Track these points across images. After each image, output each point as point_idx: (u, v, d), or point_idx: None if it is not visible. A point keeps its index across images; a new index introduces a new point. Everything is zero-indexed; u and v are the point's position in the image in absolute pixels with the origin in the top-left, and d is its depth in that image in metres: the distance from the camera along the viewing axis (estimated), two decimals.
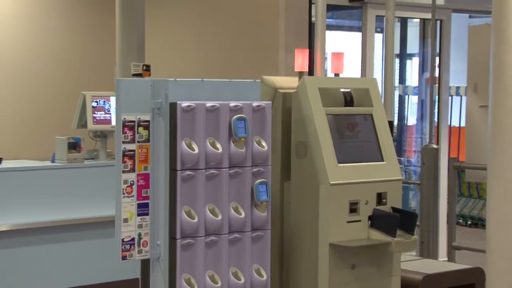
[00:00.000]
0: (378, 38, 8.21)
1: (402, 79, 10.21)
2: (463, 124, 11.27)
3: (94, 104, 6.56)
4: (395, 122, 9.35)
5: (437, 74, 8.54)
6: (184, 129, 3.76)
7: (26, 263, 6.15)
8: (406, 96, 10.32)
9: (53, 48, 8.58)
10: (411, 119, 10.20)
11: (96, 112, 6.55)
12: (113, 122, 6.32)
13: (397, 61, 9.50)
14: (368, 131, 4.34)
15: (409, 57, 10.22)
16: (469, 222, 11.04)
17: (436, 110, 8.46)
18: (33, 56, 8.46)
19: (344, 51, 4.67)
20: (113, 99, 6.45)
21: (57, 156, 6.44)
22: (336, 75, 4.50)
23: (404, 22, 9.47)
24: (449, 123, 9.75)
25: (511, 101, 5.83)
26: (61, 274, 6.28)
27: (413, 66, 10.27)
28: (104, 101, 6.60)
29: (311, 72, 4.44)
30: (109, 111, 6.55)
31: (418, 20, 9.07)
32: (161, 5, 8.51)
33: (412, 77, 10.35)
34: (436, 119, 8.37)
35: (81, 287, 6.34)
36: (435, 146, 7.21)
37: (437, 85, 8.47)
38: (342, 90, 4.28)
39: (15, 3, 8.37)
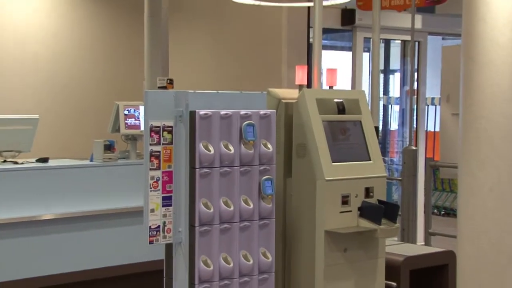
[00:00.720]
0: (366, 56, 8.23)
1: (386, 91, 10.19)
2: (437, 129, 11.27)
3: (126, 112, 6.57)
4: (380, 128, 9.33)
5: (415, 87, 8.55)
6: (201, 133, 3.77)
7: (68, 246, 6.17)
8: (389, 106, 10.30)
9: (91, 65, 8.60)
10: (394, 125, 10.18)
11: (127, 119, 6.57)
12: (142, 127, 6.33)
13: (381, 76, 9.50)
14: (357, 135, 4.34)
15: (392, 73, 10.20)
16: (443, 212, 11.03)
17: (414, 117, 8.47)
18: (74, 71, 8.47)
19: (337, 67, 4.67)
20: (142, 108, 6.46)
21: (94, 156, 6.46)
22: (331, 87, 4.51)
23: (387, 43, 9.46)
24: (425, 128, 9.72)
25: (478, 110, 5.84)
26: (99, 256, 6.29)
27: (395, 80, 10.26)
28: (134, 110, 6.61)
29: (309, 85, 4.45)
30: (139, 118, 6.56)
31: (400, 41, 9.07)
32: (182, 29, 8.52)
33: (394, 90, 10.34)
34: (414, 125, 8.38)
35: (117, 266, 6.37)
36: (414, 147, 7.20)
37: (415, 96, 8.47)
38: (335, 100, 4.28)
39: (60, 25, 8.38)
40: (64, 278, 6.17)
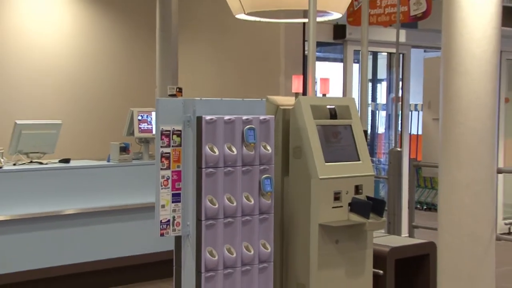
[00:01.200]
0: (355, 67, 8.21)
1: (374, 98, 10.17)
2: (420, 132, 11.27)
3: (140, 117, 6.58)
4: (369, 131, 9.32)
5: (400, 95, 8.53)
6: (207, 137, 3.77)
7: (88, 237, 6.18)
8: (377, 111, 10.28)
9: (109, 75, 8.61)
10: (381, 129, 10.15)
11: (141, 124, 6.57)
12: (154, 131, 6.34)
13: (369, 84, 9.49)
14: (348, 138, 4.33)
15: (379, 82, 10.19)
16: (425, 207, 11.00)
17: (399, 122, 8.44)
18: (93, 81, 8.49)
19: (329, 77, 4.66)
20: (153, 114, 6.48)
21: (111, 157, 6.47)
22: (324, 95, 4.50)
23: (375, 55, 9.45)
24: (409, 132, 9.72)
25: (457, 115, 5.84)
26: (115, 246, 6.31)
27: (382, 88, 10.24)
28: (147, 115, 6.62)
29: (304, 93, 4.44)
30: (151, 123, 6.57)
31: (386, 53, 9.06)
32: (190, 43, 8.53)
33: (381, 97, 10.31)
34: (399, 129, 8.35)
35: (131, 256, 6.38)
36: (399, 149, 7.19)
37: (400, 102, 8.45)
38: (328, 106, 4.28)
39: (82, 41, 8.40)
40: (85, 267, 6.19)
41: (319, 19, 4.78)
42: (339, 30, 8.05)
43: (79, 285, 6.21)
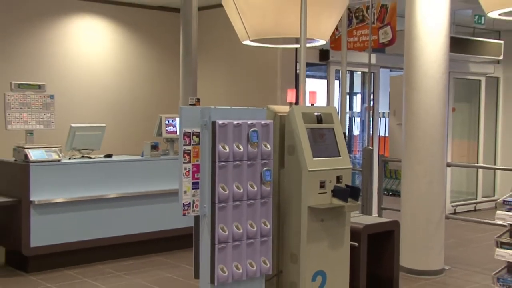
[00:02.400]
0: (336, 83, 8.19)
1: (351, 107, 10.14)
2: (387, 134, 11.23)
3: (167, 122, 6.56)
4: (347, 133, 9.30)
5: (371, 104, 8.51)
6: (220, 137, 3.75)
7: (126, 216, 6.17)
8: (353, 118, 10.26)
9: (143, 89, 8.60)
10: (356, 131, 10.12)
11: (167, 127, 6.55)
12: (178, 133, 6.33)
13: (347, 96, 9.46)
14: (331, 138, 4.29)
15: (355, 94, 10.15)
16: (390, 193, 10.99)
17: (371, 126, 8.42)
18: (130, 93, 8.48)
19: (316, 90, 4.63)
20: (177, 119, 6.46)
21: (144, 153, 6.45)
22: (312, 105, 4.47)
23: (352, 73, 9.40)
24: (379, 134, 9.68)
25: (416, 121, 5.83)
26: (147, 223, 6.31)
27: (357, 99, 10.21)
28: (172, 120, 6.60)
29: (297, 103, 4.41)
30: (175, 126, 6.55)
31: (360, 72, 9.04)
32: (207, 62, 8.51)
33: (357, 106, 10.28)
34: (371, 131, 8.33)
35: (160, 230, 6.37)
36: (370, 147, 7.16)
37: (371, 111, 8.44)
38: (315, 114, 4.25)
39: (120, 60, 8.39)
40: (123, 239, 6.19)
41: (308, 45, 4.75)
42: (323, 53, 8.03)
43: (118, 253, 6.22)
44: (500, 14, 3.62)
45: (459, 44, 8.39)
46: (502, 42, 9.21)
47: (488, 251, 6.14)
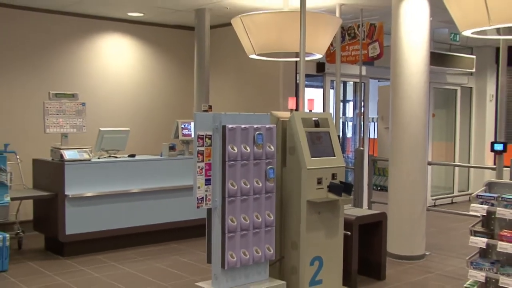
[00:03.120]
0: (331, 92, 8.14)
1: (344, 113, 10.10)
2: (376, 137, 11.18)
3: (182, 126, 6.53)
4: (341, 136, 9.25)
5: (362, 111, 8.47)
6: (229, 139, 3.73)
7: (147, 208, 6.14)
8: (346, 122, 10.22)
9: (161, 96, 8.57)
10: (349, 134, 10.08)
11: (183, 130, 6.52)
12: (192, 135, 6.30)
13: (341, 104, 9.41)
14: (327, 140, 4.28)
15: (348, 102, 10.11)
16: (379, 188, 10.94)
17: (362, 130, 8.38)
18: (150, 100, 8.46)
19: (314, 98, 4.61)
20: (192, 123, 6.43)
21: (163, 153, 6.43)
22: (310, 111, 4.45)
23: (345, 83, 9.38)
24: (369, 136, 9.63)
25: (401, 126, 5.78)
26: (166, 214, 6.28)
27: (350, 106, 10.17)
28: (187, 124, 6.57)
29: (297, 109, 4.38)
30: (190, 129, 6.53)
31: (352, 82, 8.99)
32: (218, 73, 8.48)
33: (349, 112, 10.24)
34: (362, 134, 8.29)
35: (176, 221, 6.34)
36: (361, 148, 7.13)
37: (362, 116, 8.40)
38: (313, 118, 4.23)
39: (141, 71, 8.37)
40: (144, 228, 6.16)
41: (306, 58, 4.72)
42: (320, 66, 8.00)
43: (140, 241, 6.20)
44: (472, 33, 3.63)
45: (437, 58, 8.41)
46: (474, 56, 9.27)
47: (463, 238, 6.08)
